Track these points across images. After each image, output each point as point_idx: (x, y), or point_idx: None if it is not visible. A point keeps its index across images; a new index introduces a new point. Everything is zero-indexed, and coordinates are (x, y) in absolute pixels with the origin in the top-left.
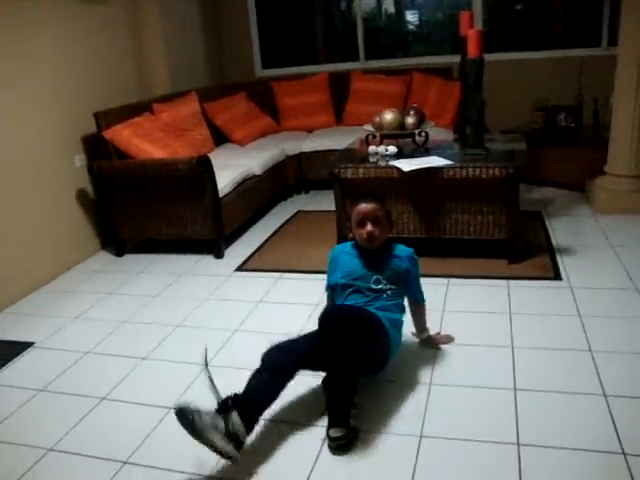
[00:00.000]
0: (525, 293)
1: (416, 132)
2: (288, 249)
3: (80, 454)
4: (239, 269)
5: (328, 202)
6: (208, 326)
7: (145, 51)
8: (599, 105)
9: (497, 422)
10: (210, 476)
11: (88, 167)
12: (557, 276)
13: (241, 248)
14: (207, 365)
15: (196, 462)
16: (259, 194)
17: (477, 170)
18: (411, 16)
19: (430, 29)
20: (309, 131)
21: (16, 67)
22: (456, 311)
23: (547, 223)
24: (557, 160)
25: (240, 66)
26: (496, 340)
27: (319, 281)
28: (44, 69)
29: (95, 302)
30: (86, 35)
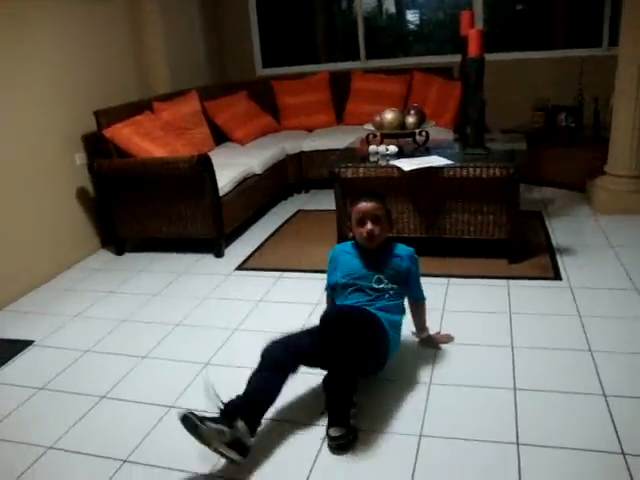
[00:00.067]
0: (525, 293)
1: (416, 132)
2: (288, 248)
3: (80, 452)
4: (239, 268)
5: (328, 201)
6: (208, 325)
7: (146, 50)
8: (599, 105)
9: (497, 422)
10: (210, 475)
11: (88, 165)
12: (557, 276)
13: (241, 247)
14: (213, 391)
15: (196, 461)
16: (259, 193)
17: (477, 170)
18: (412, 16)
19: (431, 29)
20: (309, 130)
21: (16, 66)
22: (456, 311)
23: (547, 223)
24: (557, 160)
25: (241, 65)
26: (496, 340)
27: (319, 280)
28: (44, 68)
29: (95, 300)
30: (86, 33)
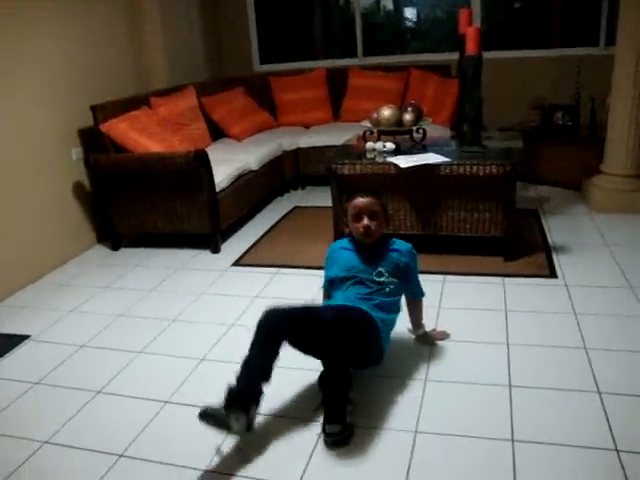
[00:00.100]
0: (520, 290)
1: (414, 129)
2: (285, 244)
3: (76, 447)
4: (235, 264)
5: (325, 198)
6: (204, 320)
7: (143, 45)
8: (596, 104)
9: (492, 418)
10: (206, 469)
11: (85, 160)
12: (552, 274)
13: (237, 243)
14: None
15: (192, 455)
16: (256, 189)
17: (474, 167)
18: (410, 13)
19: (428, 26)
20: (306, 127)
21: (14, 61)
22: (452, 308)
23: (543, 221)
24: (554, 158)
25: (238, 61)
26: (491, 337)
27: (316, 276)
28: (42, 63)
29: (91, 296)
30: (83, 27)
